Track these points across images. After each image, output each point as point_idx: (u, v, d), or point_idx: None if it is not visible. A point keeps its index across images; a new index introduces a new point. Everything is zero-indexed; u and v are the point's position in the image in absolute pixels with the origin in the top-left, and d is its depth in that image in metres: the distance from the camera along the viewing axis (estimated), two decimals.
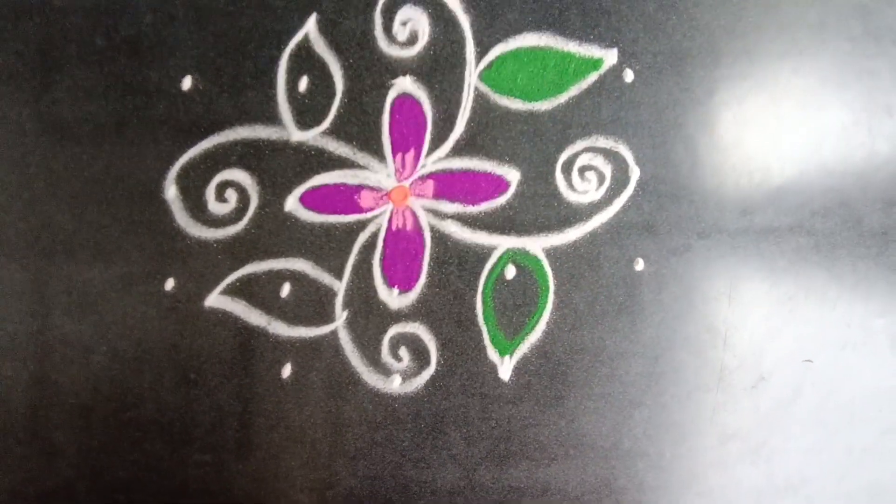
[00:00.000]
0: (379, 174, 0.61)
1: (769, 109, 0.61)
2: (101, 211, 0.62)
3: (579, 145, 0.61)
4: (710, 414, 0.61)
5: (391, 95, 0.62)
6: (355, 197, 0.61)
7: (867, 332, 0.61)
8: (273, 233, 0.62)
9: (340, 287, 0.61)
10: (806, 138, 0.61)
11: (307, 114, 0.62)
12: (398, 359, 0.61)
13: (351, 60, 0.62)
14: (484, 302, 0.61)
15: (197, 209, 0.62)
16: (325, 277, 0.62)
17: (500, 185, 0.61)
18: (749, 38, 0.62)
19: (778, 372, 0.61)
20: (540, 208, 0.61)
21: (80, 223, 0.62)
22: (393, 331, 0.61)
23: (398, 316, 0.61)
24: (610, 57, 0.61)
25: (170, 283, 0.62)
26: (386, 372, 0.61)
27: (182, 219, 0.62)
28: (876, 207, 0.61)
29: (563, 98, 0.62)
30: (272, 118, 0.62)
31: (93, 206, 0.62)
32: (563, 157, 0.61)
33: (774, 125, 0.61)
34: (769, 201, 0.61)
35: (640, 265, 0.61)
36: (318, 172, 0.62)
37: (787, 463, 0.60)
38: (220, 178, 0.62)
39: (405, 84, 0.61)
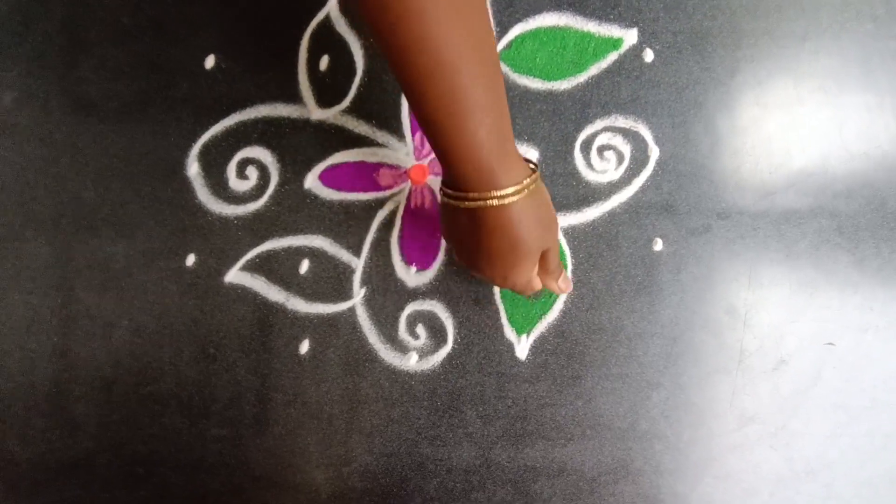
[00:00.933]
0: (398, 152, 0.62)
1: (790, 90, 0.61)
2: (124, 187, 0.63)
3: (598, 125, 0.61)
4: (728, 396, 0.60)
5: None
6: (374, 175, 0.62)
7: (890, 317, 0.60)
8: (292, 210, 0.62)
9: (358, 264, 0.62)
10: (828, 120, 0.60)
11: (327, 92, 0.62)
12: (415, 336, 0.61)
13: (371, 40, 0.62)
14: None
15: (218, 186, 0.63)
16: (344, 254, 0.62)
17: None
18: (771, 19, 0.61)
19: (798, 355, 0.60)
20: (558, 187, 0.61)
21: (104, 199, 0.63)
22: (410, 308, 0.61)
23: (416, 293, 0.61)
24: (630, 37, 0.61)
25: (191, 259, 0.63)
26: (403, 349, 0.61)
27: (203, 195, 0.63)
28: None
29: (582, 77, 0.61)
30: (293, 96, 0.63)
31: (117, 183, 0.63)
32: (581, 137, 0.61)
33: (796, 106, 0.61)
34: (790, 183, 0.60)
35: (658, 245, 0.60)
36: (337, 150, 0.62)
37: (807, 447, 0.59)
38: (241, 155, 0.63)
39: None
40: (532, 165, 0.50)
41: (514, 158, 0.47)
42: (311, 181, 0.62)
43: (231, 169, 0.63)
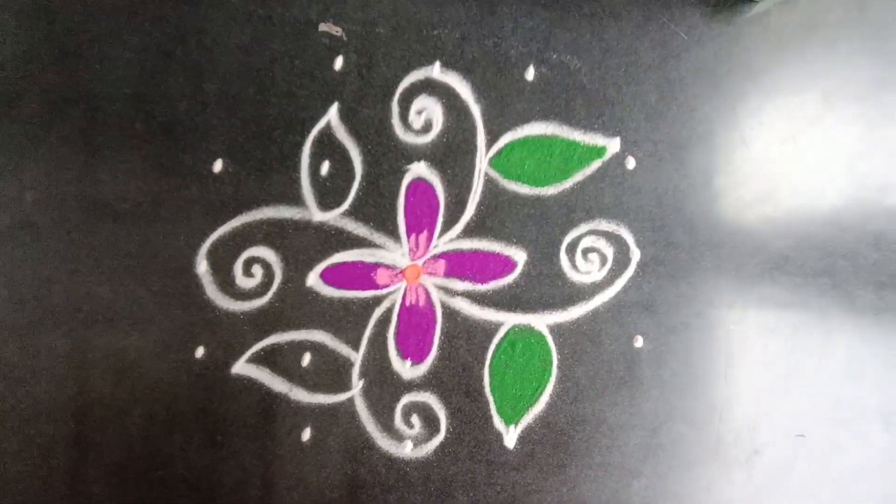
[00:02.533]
0: (394, 253, 0.65)
1: (766, 194, 0.64)
2: (137, 283, 0.67)
3: (583, 228, 0.65)
4: (706, 485, 0.64)
5: (406, 179, 0.66)
6: (372, 274, 0.65)
7: (860, 410, 0.64)
8: (295, 306, 0.66)
9: (357, 358, 0.65)
10: (801, 222, 0.64)
11: (328, 196, 0.66)
12: (410, 426, 0.65)
13: (369, 146, 0.66)
14: (491, 374, 0.65)
15: (225, 283, 0.66)
16: (343, 348, 0.66)
17: (507, 265, 0.65)
18: (746, 126, 0.65)
19: (771, 446, 0.64)
20: (545, 287, 0.64)
21: (118, 295, 0.67)
22: (405, 399, 0.65)
23: (410, 386, 0.65)
24: (613, 145, 0.65)
25: (200, 352, 0.66)
26: (399, 438, 0.65)
27: (212, 292, 0.66)
28: (868, 290, 0.64)
29: (568, 183, 0.65)
30: (296, 199, 0.66)
31: (130, 279, 0.67)
32: (567, 240, 0.65)
33: (771, 210, 0.64)
34: (765, 282, 0.64)
35: (639, 342, 0.64)
36: (337, 251, 0.66)
37: None
38: (247, 254, 0.66)
39: (420, 169, 0.65)
40: None
41: None
42: (313, 279, 0.66)
43: (238, 267, 0.66)
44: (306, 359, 0.67)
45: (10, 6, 0.69)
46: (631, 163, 0.66)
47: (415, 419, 0.66)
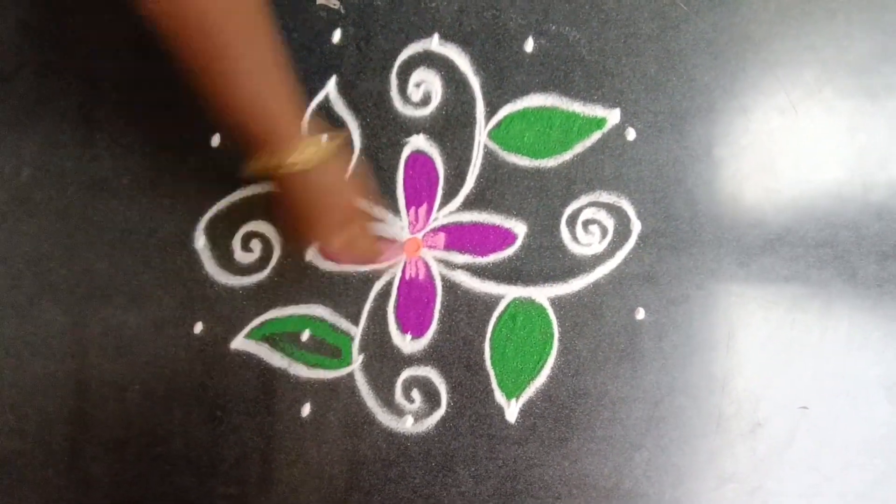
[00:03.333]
0: (393, 227, 0.65)
1: (766, 165, 0.64)
2: (135, 259, 0.67)
3: (583, 200, 0.65)
4: (707, 457, 0.63)
5: (405, 152, 0.65)
6: None
7: (862, 382, 0.64)
8: (294, 281, 0.66)
9: (357, 332, 0.65)
10: (801, 193, 0.64)
11: None
12: (410, 400, 0.64)
13: (368, 119, 0.66)
14: (492, 348, 0.65)
15: (224, 258, 0.66)
16: (343, 323, 0.65)
17: (507, 237, 0.64)
18: (747, 97, 0.65)
19: (774, 418, 0.63)
20: (545, 260, 0.64)
21: (116, 270, 0.67)
22: (406, 374, 0.65)
23: (411, 360, 0.65)
24: (613, 116, 0.65)
25: (198, 327, 0.66)
26: (399, 412, 0.65)
27: (210, 267, 0.66)
28: (870, 260, 0.64)
29: (568, 155, 0.65)
30: None
31: (128, 255, 0.67)
32: (567, 212, 0.65)
33: (771, 181, 0.64)
34: (766, 253, 0.63)
35: (640, 314, 0.64)
36: None
37: None
38: (245, 229, 0.66)
39: (419, 142, 0.65)
40: (329, 136, 0.57)
41: (292, 126, 0.54)
42: (312, 254, 0.66)
43: (236, 242, 0.66)
44: (305, 333, 0.67)
45: None
46: (631, 134, 0.66)
47: (415, 394, 0.66)
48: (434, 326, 0.66)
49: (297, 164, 0.53)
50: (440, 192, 0.66)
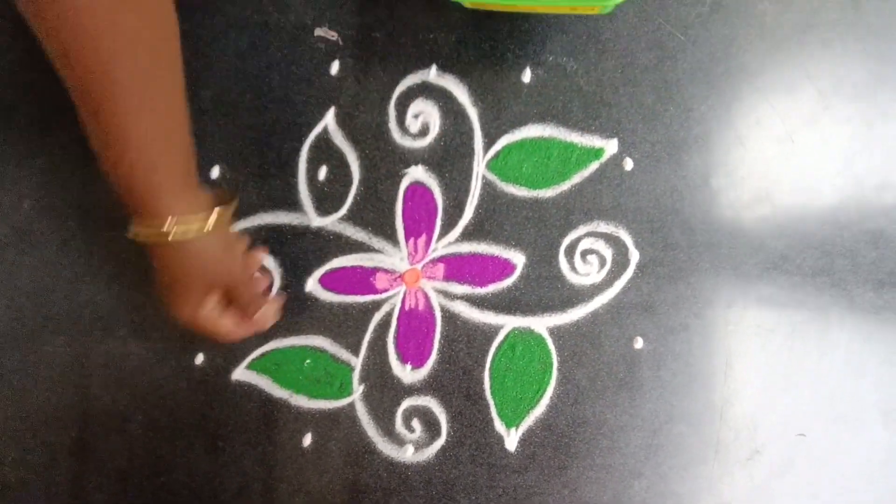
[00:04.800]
0: (393, 257, 0.66)
1: (763, 194, 0.65)
2: (136, 291, 0.68)
3: (581, 230, 0.65)
4: (706, 484, 0.64)
5: (404, 183, 0.66)
6: (371, 279, 0.66)
7: (859, 408, 0.64)
8: (295, 312, 0.66)
9: (357, 362, 0.65)
10: (798, 221, 0.64)
11: (326, 201, 0.67)
12: (411, 430, 0.65)
13: (367, 151, 0.67)
14: (492, 377, 0.65)
15: None
16: (343, 353, 0.66)
17: (506, 267, 0.65)
18: (743, 126, 0.65)
19: (772, 445, 0.64)
20: (544, 290, 0.65)
21: (117, 302, 0.68)
22: (406, 403, 0.66)
23: (411, 390, 0.66)
24: (610, 146, 0.65)
25: (200, 358, 0.67)
26: (399, 442, 0.65)
27: None
28: (867, 288, 0.64)
29: (566, 186, 0.65)
30: (294, 205, 0.67)
31: (129, 287, 0.68)
32: (566, 242, 0.65)
33: (768, 210, 0.65)
34: (763, 282, 0.64)
35: (639, 343, 0.64)
36: (336, 256, 0.67)
37: None
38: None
39: (417, 173, 0.66)
40: (218, 208, 0.52)
41: (179, 199, 0.49)
42: (312, 285, 0.67)
43: None
44: (306, 364, 0.67)
45: (7, 14, 0.69)
46: (629, 164, 0.66)
47: (416, 423, 0.67)
48: (434, 356, 0.67)
49: (177, 235, 0.49)
50: (439, 222, 0.67)
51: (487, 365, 0.67)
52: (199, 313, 0.56)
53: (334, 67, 0.68)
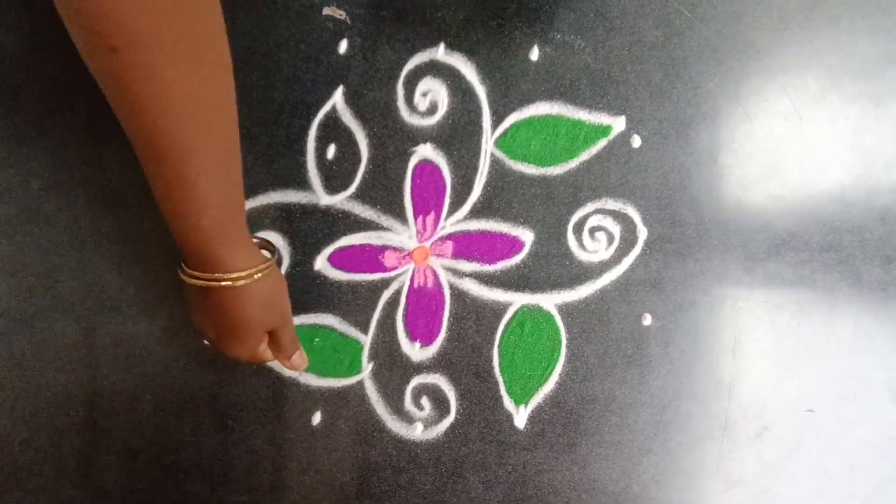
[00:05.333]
0: (401, 235, 0.66)
1: (771, 171, 0.65)
2: (145, 270, 0.67)
3: (590, 207, 0.65)
4: (715, 461, 0.64)
5: (413, 162, 0.66)
6: (380, 257, 0.66)
7: (867, 384, 0.64)
8: (303, 290, 0.66)
9: (366, 340, 0.65)
10: (806, 198, 0.64)
11: (335, 179, 0.67)
12: (420, 407, 0.65)
13: (375, 129, 0.66)
14: (500, 355, 0.65)
15: None
16: (352, 331, 0.66)
17: (514, 245, 0.65)
18: (751, 103, 0.65)
19: (780, 422, 0.64)
20: (553, 267, 0.65)
21: (126, 281, 0.67)
22: (415, 381, 0.65)
23: (420, 367, 0.65)
24: (618, 124, 0.65)
25: None
26: (409, 420, 0.65)
27: None
28: (875, 264, 0.64)
29: (574, 163, 0.65)
30: (303, 183, 0.67)
31: (138, 266, 0.67)
32: (574, 219, 0.65)
33: (776, 186, 0.65)
34: (771, 259, 0.64)
35: (647, 320, 0.64)
36: (345, 234, 0.67)
37: None
38: (254, 239, 0.66)
39: (426, 151, 0.66)
40: (267, 253, 0.56)
41: (240, 247, 0.51)
42: (321, 263, 0.66)
43: None
44: (315, 342, 0.67)
45: None
46: (636, 141, 0.66)
47: (425, 401, 0.67)
48: (443, 334, 0.67)
49: (241, 280, 0.51)
50: (448, 200, 0.67)
51: (496, 342, 0.67)
52: (258, 350, 0.58)
53: (343, 46, 0.68)
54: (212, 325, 0.56)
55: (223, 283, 0.51)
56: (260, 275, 0.52)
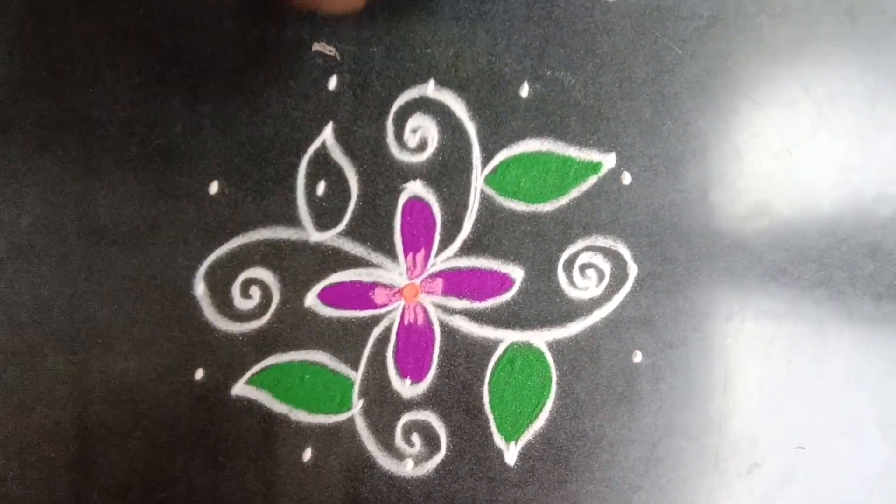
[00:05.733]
0: (392, 272, 0.66)
1: (761, 207, 0.65)
2: (135, 306, 0.68)
3: (580, 244, 0.65)
4: (706, 498, 0.64)
5: (403, 198, 0.66)
6: (370, 294, 0.66)
7: (858, 421, 0.64)
8: (294, 327, 0.66)
9: (356, 377, 0.66)
10: (797, 234, 0.64)
11: (325, 216, 0.67)
12: (411, 444, 0.65)
13: (365, 166, 0.66)
14: (491, 391, 0.65)
15: (224, 305, 0.67)
16: (343, 368, 0.66)
17: (505, 282, 0.65)
18: (741, 140, 0.65)
19: (771, 458, 0.64)
20: (543, 304, 0.65)
21: (116, 318, 0.68)
22: (405, 418, 0.66)
23: (410, 404, 0.66)
24: (608, 161, 0.65)
25: (199, 373, 0.67)
26: (399, 456, 0.65)
27: (210, 314, 0.67)
28: (865, 300, 0.64)
29: (564, 200, 0.65)
30: (292, 220, 0.67)
31: (128, 302, 0.68)
32: (564, 256, 0.65)
33: (766, 222, 0.65)
34: (761, 295, 0.64)
35: (638, 357, 0.65)
36: (335, 271, 0.67)
37: None
38: (244, 275, 0.67)
39: (416, 188, 0.66)
40: None
41: None
42: (311, 300, 0.67)
43: (236, 289, 0.67)
44: (306, 379, 0.67)
45: (4, 32, 0.69)
46: (627, 178, 0.66)
47: (415, 437, 0.67)
48: (433, 371, 0.67)
49: None
50: (438, 237, 0.67)
51: (486, 379, 0.67)
52: None
53: (332, 82, 0.68)
54: None
55: None
56: None
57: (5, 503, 0.69)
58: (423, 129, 0.68)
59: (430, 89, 0.68)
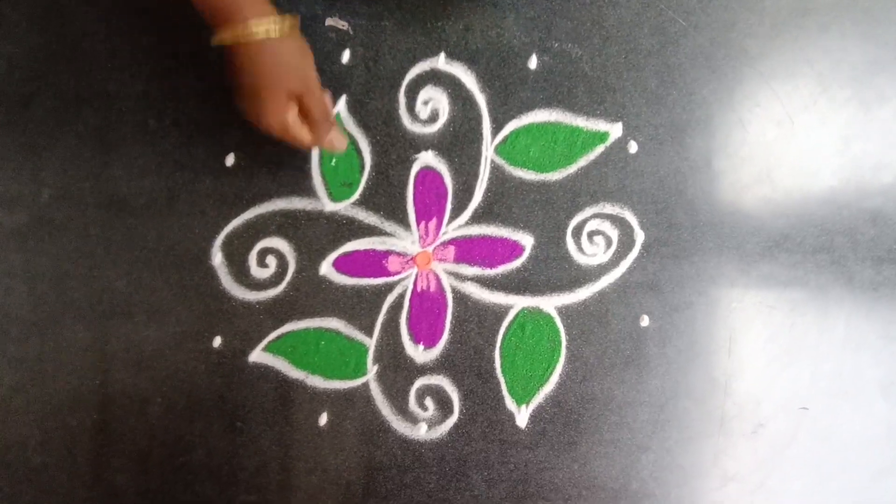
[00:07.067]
0: (404, 241, 0.67)
1: (764, 175, 0.67)
2: (154, 276, 0.69)
3: (588, 212, 0.67)
4: (711, 458, 0.66)
5: (415, 169, 0.68)
6: (383, 262, 0.68)
7: (859, 382, 0.66)
8: (309, 295, 0.68)
9: (371, 343, 0.67)
10: (799, 201, 0.66)
11: (339, 187, 0.68)
12: (424, 408, 0.67)
13: (378, 137, 0.68)
14: (502, 356, 0.67)
15: (241, 274, 0.68)
16: (357, 335, 0.67)
17: (515, 249, 0.67)
18: (744, 109, 0.67)
19: (775, 419, 0.66)
20: (552, 270, 0.66)
21: (136, 287, 0.69)
22: (419, 383, 0.67)
23: (423, 369, 0.67)
24: (615, 130, 0.67)
25: (217, 341, 0.69)
26: (413, 420, 0.67)
27: (227, 283, 0.69)
28: (866, 265, 0.66)
29: (572, 169, 0.67)
30: (307, 191, 0.68)
31: (147, 272, 0.69)
32: (573, 223, 0.67)
33: (769, 190, 0.66)
34: (765, 260, 0.66)
35: (645, 321, 0.66)
36: (349, 240, 0.68)
37: None
38: (260, 245, 0.68)
39: (427, 158, 0.67)
40: (290, 17, 0.59)
41: (252, 3, 0.56)
42: (326, 268, 0.68)
43: (252, 258, 0.69)
44: (321, 345, 0.69)
45: (22, 8, 0.70)
46: (633, 147, 0.68)
47: (428, 402, 0.68)
48: (446, 337, 0.69)
49: (260, 33, 0.55)
50: (449, 206, 0.69)
51: (498, 344, 0.69)
52: (288, 119, 0.60)
53: (345, 56, 0.69)
54: (240, 91, 0.59)
55: (243, 33, 0.55)
56: (276, 27, 0.56)
57: (28, 470, 0.70)
58: (434, 100, 0.69)
59: (440, 62, 0.69)
